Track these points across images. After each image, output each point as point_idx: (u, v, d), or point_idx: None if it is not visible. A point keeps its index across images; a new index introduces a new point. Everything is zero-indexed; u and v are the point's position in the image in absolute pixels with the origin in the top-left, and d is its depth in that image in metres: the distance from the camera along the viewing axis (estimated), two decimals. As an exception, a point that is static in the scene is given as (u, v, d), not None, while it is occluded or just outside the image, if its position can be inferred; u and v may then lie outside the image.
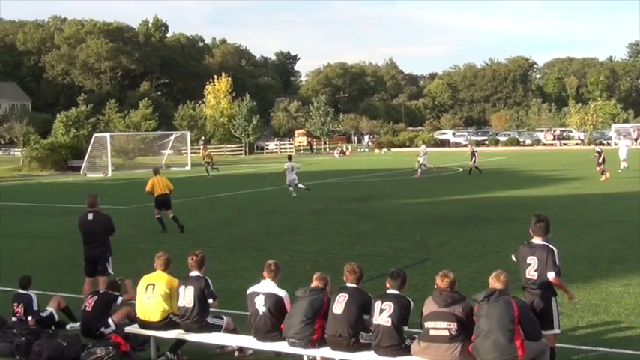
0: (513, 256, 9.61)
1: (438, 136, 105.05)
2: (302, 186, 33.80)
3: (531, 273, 9.16)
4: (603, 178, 36.53)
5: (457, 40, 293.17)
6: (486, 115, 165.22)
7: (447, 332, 8.36)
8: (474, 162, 43.74)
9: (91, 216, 12.91)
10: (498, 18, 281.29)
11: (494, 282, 8.61)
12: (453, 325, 8.35)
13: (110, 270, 12.72)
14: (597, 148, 41.71)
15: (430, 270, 15.14)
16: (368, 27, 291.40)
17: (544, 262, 9.10)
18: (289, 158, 36.25)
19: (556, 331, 9.11)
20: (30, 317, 11.12)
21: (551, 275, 9.05)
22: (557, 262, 9.13)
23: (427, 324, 8.50)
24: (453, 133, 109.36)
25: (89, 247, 12.83)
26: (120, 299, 11.26)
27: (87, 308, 11.10)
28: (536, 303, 9.01)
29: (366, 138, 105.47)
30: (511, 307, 8.23)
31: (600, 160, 38.26)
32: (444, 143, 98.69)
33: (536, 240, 9.40)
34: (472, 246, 18.57)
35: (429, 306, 8.58)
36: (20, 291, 11.71)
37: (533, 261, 9.19)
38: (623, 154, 42.52)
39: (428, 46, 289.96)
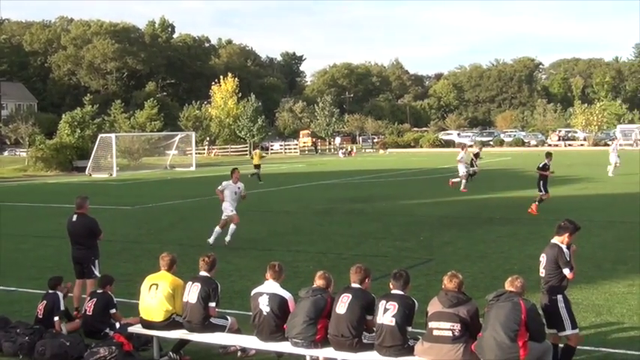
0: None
1: (442, 136, 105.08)
2: None
3: (540, 270, 9.32)
4: None
5: (463, 40, 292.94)
6: (492, 116, 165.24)
7: (450, 333, 8.36)
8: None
9: (75, 218, 12.80)
10: (504, 18, 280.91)
11: (509, 286, 8.66)
12: (457, 326, 8.35)
13: (97, 272, 12.56)
14: None
15: (434, 270, 15.17)
16: (373, 27, 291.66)
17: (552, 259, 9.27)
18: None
19: (568, 332, 9.06)
20: (57, 318, 11.04)
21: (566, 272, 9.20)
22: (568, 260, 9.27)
23: (431, 324, 8.51)
24: (458, 134, 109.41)
25: (74, 249, 12.80)
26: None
27: (87, 312, 11.10)
28: (545, 303, 9.20)
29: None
30: (519, 309, 8.25)
31: None
32: (449, 144, 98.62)
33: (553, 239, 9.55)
34: (476, 246, 18.55)
35: (434, 306, 8.59)
36: (49, 291, 11.57)
37: (543, 258, 9.37)
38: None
39: (433, 47, 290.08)
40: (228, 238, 19.16)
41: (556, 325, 9.05)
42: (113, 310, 11.13)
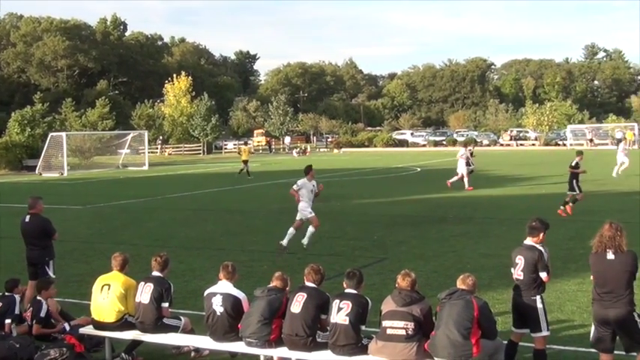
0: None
1: (396, 136, 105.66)
2: None
3: (517, 272, 9.11)
4: None
5: (416, 40, 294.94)
6: (445, 116, 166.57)
7: (403, 332, 8.39)
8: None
9: (27, 218, 12.70)
10: (457, 19, 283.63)
11: (461, 284, 8.70)
12: (410, 325, 8.39)
13: (51, 274, 12.41)
14: None
15: (387, 269, 15.23)
16: (327, 27, 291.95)
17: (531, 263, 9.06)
18: None
19: (544, 333, 8.98)
20: (8, 321, 10.72)
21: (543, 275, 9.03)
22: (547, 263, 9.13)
23: (384, 323, 8.53)
24: (412, 133, 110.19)
25: (28, 250, 12.70)
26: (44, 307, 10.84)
27: (28, 321, 10.80)
28: (521, 303, 9.04)
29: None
30: (471, 306, 8.31)
31: None
32: (403, 143, 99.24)
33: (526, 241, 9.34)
34: (429, 245, 18.68)
35: (388, 305, 8.61)
36: (6, 293, 11.27)
37: (520, 261, 9.12)
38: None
39: (387, 47, 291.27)
40: (305, 241, 18.25)
41: (530, 325, 8.96)
42: (33, 322, 10.65)
